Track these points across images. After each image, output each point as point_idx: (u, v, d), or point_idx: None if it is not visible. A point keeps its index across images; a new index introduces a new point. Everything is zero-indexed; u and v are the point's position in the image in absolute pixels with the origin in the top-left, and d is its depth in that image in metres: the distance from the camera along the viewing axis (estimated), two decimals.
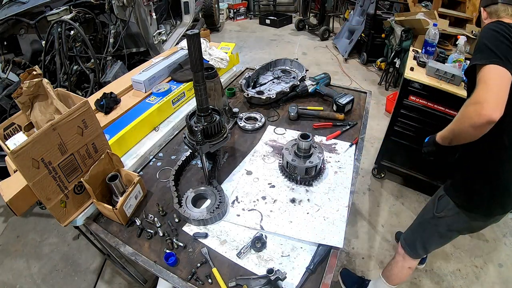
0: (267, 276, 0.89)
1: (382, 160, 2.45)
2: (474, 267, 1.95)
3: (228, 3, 6.79)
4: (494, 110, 0.86)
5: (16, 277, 1.93)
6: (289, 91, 1.72)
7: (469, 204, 1.17)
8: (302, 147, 1.19)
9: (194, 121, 1.12)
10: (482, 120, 0.88)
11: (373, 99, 3.41)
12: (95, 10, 2.61)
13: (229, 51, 1.98)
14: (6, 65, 2.27)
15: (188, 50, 0.94)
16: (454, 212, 1.21)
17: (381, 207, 2.37)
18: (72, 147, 0.98)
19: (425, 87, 1.93)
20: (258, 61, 3.48)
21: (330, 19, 5.58)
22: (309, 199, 1.16)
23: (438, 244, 1.38)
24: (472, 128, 0.93)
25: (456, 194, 1.20)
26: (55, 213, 1.00)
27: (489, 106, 0.87)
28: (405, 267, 1.47)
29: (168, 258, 0.95)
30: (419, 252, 1.41)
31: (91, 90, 2.29)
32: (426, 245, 1.38)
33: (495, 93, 0.87)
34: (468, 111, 0.93)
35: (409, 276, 1.52)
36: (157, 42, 3.15)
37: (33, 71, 1.11)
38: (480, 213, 1.17)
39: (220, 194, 1.14)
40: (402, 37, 3.20)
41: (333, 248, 0.99)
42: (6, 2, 2.40)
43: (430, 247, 1.39)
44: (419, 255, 1.42)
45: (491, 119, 0.87)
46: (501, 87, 0.88)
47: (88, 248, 2.04)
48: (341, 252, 1.99)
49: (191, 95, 1.74)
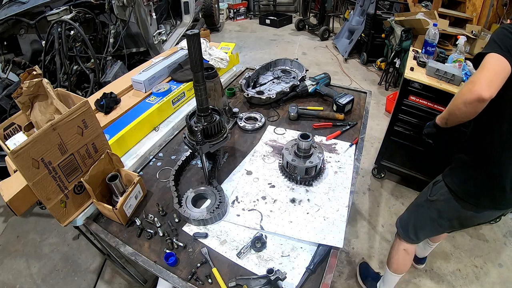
0: (267, 276, 0.89)
1: (382, 160, 2.45)
2: (474, 267, 1.95)
3: (228, 3, 6.78)
4: (485, 88, 0.92)
5: (16, 277, 1.93)
6: (289, 91, 1.72)
7: (461, 189, 1.19)
8: (302, 147, 1.19)
9: (194, 121, 1.12)
10: (472, 96, 0.95)
11: (373, 99, 3.41)
12: (95, 10, 2.61)
13: (229, 51, 1.98)
14: (6, 65, 2.27)
15: (188, 50, 0.94)
16: (446, 197, 1.24)
17: (381, 207, 2.37)
18: (72, 147, 0.98)
19: (425, 87, 1.93)
20: (258, 61, 3.48)
21: (330, 19, 5.58)
22: (309, 199, 1.16)
23: (428, 230, 1.40)
24: (464, 105, 0.99)
25: (451, 179, 1.23)
26: (55, 213, 1.00)
27: (480, 84, 0.93)
28: (400, 249, 1.50)
29: (168, 258, 0.95)
30: (410, 235, 1.43)
31: (91, 90, 2.29)
32: (417, 229, 1.41)
33: (488, 75, 0.94)
34: (462, 89, 1.00)
35: (408, 262, 1.52)
36: (157, 42, 3.15)
37: (33, 71, 1.11)
38: (469, 201, 1.18)
39: (220, 194, 1.14)
40: (402, 37, 3.20)
41: (333, 248, 0.99)
42: (6, 2, 2.39)
43: (420, 231, 1.41)
44: (411, 239, 1.45)
45: (481, 96, 0.93)
46: (496, 71, 0.94)
47: (88, 248, 2.04)
48: (341, 252, 1.99)
49: (191, 95, 1.74)
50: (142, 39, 2.98)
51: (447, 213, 1.28)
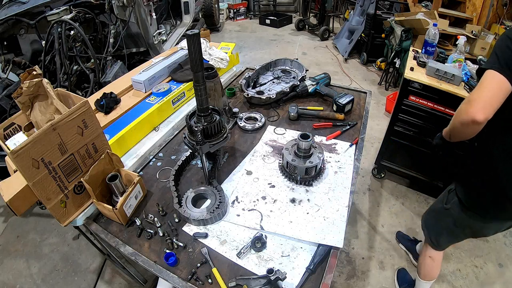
0: (267, 276, 0.89)
1: (382, 160, 2.45)
2: (474, 267, 1.95)
3: (228, 3, 6.78)
4: (479, 111, 0.90)
5: (16, 277, 1.93)
6: (289, 91, 1.72)
7: (468, 200, 1.20)
8: (302, 147, 1.19)
9: (194, 121, 1.12)
10: (467, 118, 0.93)
11: (373, 99, 3.41)
12: (95, 10, 2.61)
13: (229, 51, 1.98)
14: (6, 65, 2.27)
15: (188, 50, 0.94)
16: (458, 207, 1.24)
17: (381, 207, 2.37)
18: (72, 147, 0.98)
19: (425, 87, 1.93)
20: (258, 61, 3.48)
21: (330, 19, 5.58)
22: (309, 199, 1.16)
23: (446, 237, 1.40)
24: (460, 125, 0.98)
25: (459, 189, 1.23)
26: (55, 213, 1.00)
27: (476, 106, 0.91)
28: (426, 256, 1.51)
29: (168, 258, 0.95)
30: (432, 239, 1.45)
31: (91, 90, 2.29)
32: (437, 235, 1.42)
33: (485, 96, 0.91)
34: (460, 108, 0.99)
35: (433, 269, 1.53)
36: (157, 42, 3.15)
37: (33, 71, 1.11)
38: (476, 212, 1.19)
39: (220, 194, 1.14)
40: (402, 37, 3.20)
41: (333, 248, 0.99)
42: (6, 2, 2.39)
43: (440, 238, 1.42)
44: (433, 243, 1.46)
45: (475, 118, 0.91)
46: (493, 91, 0.91)
47: (88, 248, 2.04)
48: (341, 252, 1.99)
49: (191, 95, 1.74)
50: (142, 39, 2.98)
51: (460, 222, 1.28)
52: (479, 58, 1.70)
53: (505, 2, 3.17)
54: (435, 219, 1.42)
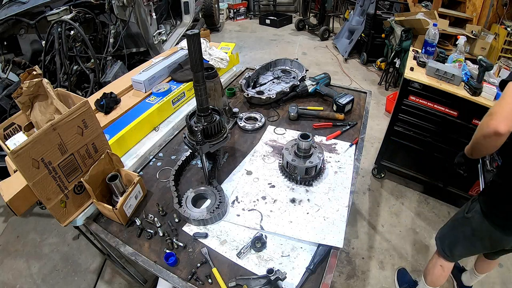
0: (267, 276, 0.89)
1: (382, 160, 2.45)
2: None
3: (228, 3, 6.78)
4: (501, 122, 0.90)
5: (16, 277, 1.93)
6: (289, 91, 1.72)
7: (491, 211, 1.19)
8: (302, 147, 1.19)
9: (194, 121, 1.12)
10: (490, 130, 0.92)
11: (373, 99, 3.41)
12: (95, 10, 2.61)
13: (229, 51, 1.98)
14: (6, 65, 2.27)
15: (188, 50, 0.95)
16: (480, 216, 1.23)
17: (381, 207, 2.37)
18: (72, 147, 0.98)
19: (425, 87, 1.93)
20: (258, 61, 3.47)
21: (330, 19, 5.58)
22: (309, 199, 1.16)
23: (462, 248, 1.39)
24: (483, 138, 0.97)
25: (484, 199, 1.23)
26: (55, 213, 1.00)
27: (497, 118, 0.91)
28: (437, 264, 1.50)
29: (168, 258, 0.95)
30: (445, 250, 1.43)
31: (91, 90, 2.29)
32: (451, 245, 1.41)
33: (507, 107, 0.91)
34: (482, 122, 0.98)
35: (442, 278, 1.52)
36: (157, 42, 3.15)
37: (33, 71, 1.11)
38: (497, 223, 1.18)
39: (220, 194, 1.14)
40: (402, 37, 3.20)
41: (333, 248, 0.99)
42: (6, 2, 2.39)
43: (454, 248, 1.40)
44: (446, 254, 1.45)
45: (497, 130, 0.90)
46: None
47: (88, 248, 2.04)
48: (341, 252, 1.99)
49: (191, 95, 1.74)
50: (142, 39, 2.98)
51: (480, 232, 1.27)
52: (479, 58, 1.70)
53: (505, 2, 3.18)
54: (452, 227, 1.41)
